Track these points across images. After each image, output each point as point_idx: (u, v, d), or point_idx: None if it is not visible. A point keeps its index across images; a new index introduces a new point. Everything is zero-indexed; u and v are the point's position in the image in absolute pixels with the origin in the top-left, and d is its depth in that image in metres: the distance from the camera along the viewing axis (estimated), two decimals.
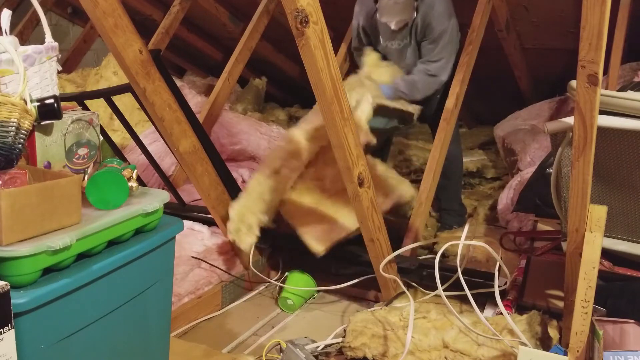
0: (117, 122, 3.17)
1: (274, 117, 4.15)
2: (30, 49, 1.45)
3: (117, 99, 2.32)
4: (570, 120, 1.55)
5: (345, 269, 2.49)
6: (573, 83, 1.46)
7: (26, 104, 1.33)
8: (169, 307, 1.60)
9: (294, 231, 2.36)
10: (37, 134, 1.44)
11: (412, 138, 3.88)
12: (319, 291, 2.49)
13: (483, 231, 2.98)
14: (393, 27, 2.68)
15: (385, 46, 2.83)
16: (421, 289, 2.29)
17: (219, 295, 2.42)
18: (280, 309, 2.42)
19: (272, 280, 2.58)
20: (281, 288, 2.48)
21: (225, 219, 2.39)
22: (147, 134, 3.19)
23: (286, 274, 2.53)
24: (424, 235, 2.70)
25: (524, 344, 1.75)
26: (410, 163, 3.66)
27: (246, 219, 2.33)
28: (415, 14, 2.67)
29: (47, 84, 1.49)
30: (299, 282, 2.46)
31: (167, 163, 3.13)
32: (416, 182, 2.79)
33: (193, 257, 2.37)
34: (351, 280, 2.40)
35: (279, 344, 2.08)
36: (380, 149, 2.89)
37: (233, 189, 2.41)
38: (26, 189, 1.20)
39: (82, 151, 1.55)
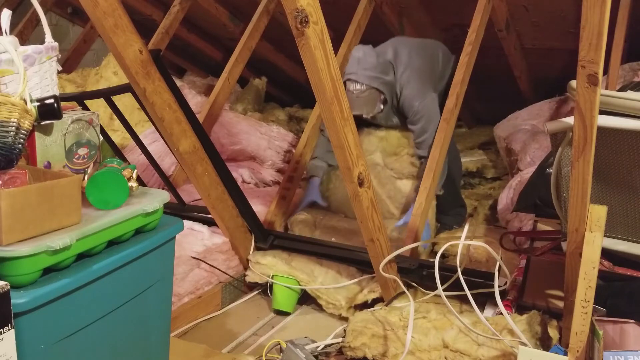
0: (117, 122, 3.17)
1: (274, 117, 4.15)
2: (30, 49, 1.45)
3: (117, 99, 2.31)
4: (570, 120, 1.55)
5: None
6: (573, 83, 1.46)
7: (26, 104, 1.33)
8: (169, 307, 1.60)
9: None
10: (37, 134, 1.44)
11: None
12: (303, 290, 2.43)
13: (483, 231, 2.98)
14: (364, 116, 2.75)
15: (379, 123, 2.92)
16: (421, 289, 2.28)
17: (218, 295, 2.42)
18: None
19: (272, 280, 2.58)
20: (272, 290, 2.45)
21: (225, 219, 2.39)
22: (147, 134, 3.19)
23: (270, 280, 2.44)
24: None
25: (524, 344, 1.75)
26: None
27: None
28: (382, 107, 2.75)
29: (47, 84, 1.49)
30: (283, 288, 2.40)
31: (167, 163, 3.13)
32: None
33: (193, 258, 2.37)
34: (350, 280, 2.40)
35: (279, 344, 2.08)
36: None
37: (233, 189, 2.41)
38: (26, 189, 1.20)
39: (82, 151, 1.55)
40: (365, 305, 2.26)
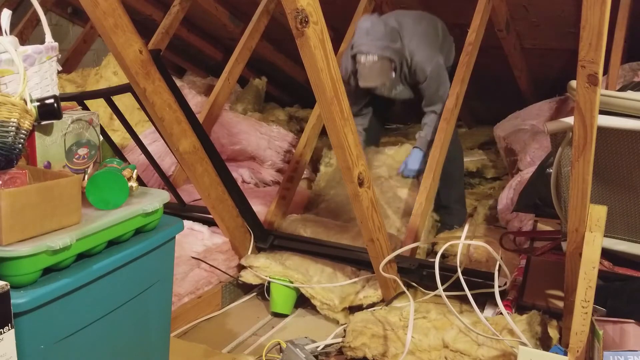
0: (117, 122, 3.17)
1: (274, 117, 4.15)
2: (30, 49, 1.45)
3: (117, 99, 2.31)
4: (570, 120, 1.55)
5: None
6: (573, 83, 1.46)
7: (26, 104, 1.33)
8: (169, 307, 1.60)
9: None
10: (37, 134, 1.44)
11: (411, 138, 3.88)
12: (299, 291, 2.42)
13: (483, 231, 2.98)
14: (378, 88, 2.78)
15: (382, 94, 2.91)
16: (421, 289, 2.29)
17: (219, 295, 2.42)
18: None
19: (273, 280, 2.57)
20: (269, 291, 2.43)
21: (225, 219, 2.39)
22: (147, 134, 3.19)
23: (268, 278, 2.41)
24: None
25: (524, 344, 1.75)
26: None
27: None
28: (394, 74, 2.76)
29: (47, 84, 1.49)
30: (279, 291, 2.40)
31: (167, 163, 3.13)
32: None
33: (193, 258, 2.37)
34: (347, 279, 2.40)
35: (279, 344, 2.08)
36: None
37: (233, 189, 2.41)
38: (26, 189, 1.20)
39: (82, 151, 1.55)
40: (360, 308, 2.26)
